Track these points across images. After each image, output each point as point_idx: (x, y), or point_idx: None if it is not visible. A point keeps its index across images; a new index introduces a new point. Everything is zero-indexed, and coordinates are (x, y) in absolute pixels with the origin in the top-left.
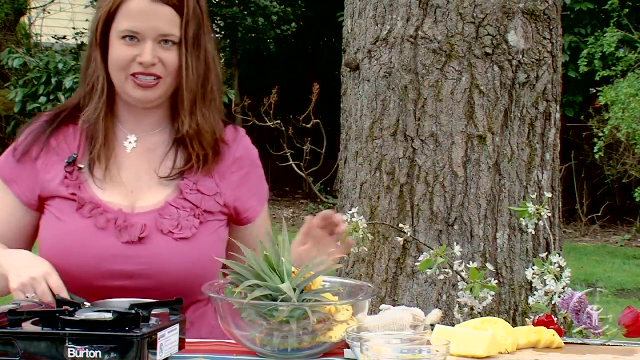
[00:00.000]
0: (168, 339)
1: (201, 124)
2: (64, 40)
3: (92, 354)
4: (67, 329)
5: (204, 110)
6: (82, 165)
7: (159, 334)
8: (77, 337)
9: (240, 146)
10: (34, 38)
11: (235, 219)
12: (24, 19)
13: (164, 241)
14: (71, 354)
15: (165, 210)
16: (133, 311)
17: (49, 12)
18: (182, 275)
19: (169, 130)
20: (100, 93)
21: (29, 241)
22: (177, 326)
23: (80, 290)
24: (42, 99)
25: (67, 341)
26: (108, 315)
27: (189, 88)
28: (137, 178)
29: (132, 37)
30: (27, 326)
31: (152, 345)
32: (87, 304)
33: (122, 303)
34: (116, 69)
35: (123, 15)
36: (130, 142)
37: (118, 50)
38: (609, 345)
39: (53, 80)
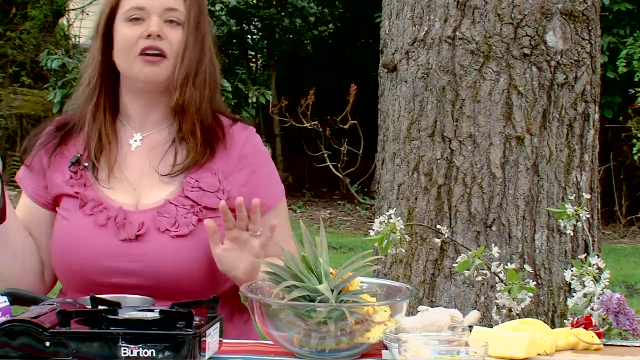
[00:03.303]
0: (213, 337)
1: (188, 100)
2: None
3: (145, 352)
4: (115, 327)
5: (193, 89)
6: (87, 164)
7: (207, 332)
8: (130, 337)
9: (249, 144)
10: (73, 39)
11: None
12: (63, 21)
13: (161, 239)
14: (124, 353)
15: (165, 208)
16: (175, 310)
17: (87, 14)
18: (181, 272)
19: (171, 128)
20: (89, 81)
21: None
22: (218, 324)
23: (83, 287)
24: None
25: (120, 340)
26: (151, 315)
27: (184, 64)
28: (141, 176)
29: (137, 17)
30: (74, 326)
31: (201, 343)
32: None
33: (134, 300)
34: (124, 50)
35: (126, 0)
36: (135, 141)
37: (124, 31)
38: None
39: None
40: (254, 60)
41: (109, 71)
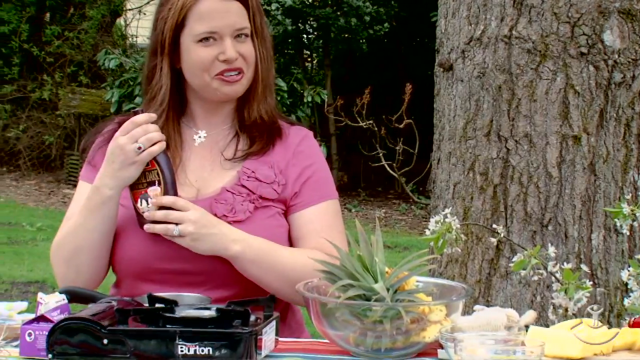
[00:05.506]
0: (269, 336)
1: (262, 111)
2: None
3: (202, 350)
4: (172, 325)
5: (268, 98)
6: None
7: (263, 330)
8: (187, 335)
9: (304, 143)
10: (130, 39)
11: (287, 207)
12: (120, 21)
13: None
14: (181, 351)
15: (222, 195)
16: (232, 308)
17: (144, 14)
18: None
19: (233, 122)
20: (160, 102)
21: None
22: (274, 323)
23: (140, 274)
24: (138, 100)
25: (177, 338)
26: (208, 313)
27: (262, 78)
28: (202, 169)
29: (208, 38)
30: (131, 324)
31: (257, 341)
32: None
33: (191, 298)
34: (198, 72)
35: (195, 19)
36: (200, 137)
37: (198, 53)
38: None
39: None
40: (309, 59)
41: (177, 81)
